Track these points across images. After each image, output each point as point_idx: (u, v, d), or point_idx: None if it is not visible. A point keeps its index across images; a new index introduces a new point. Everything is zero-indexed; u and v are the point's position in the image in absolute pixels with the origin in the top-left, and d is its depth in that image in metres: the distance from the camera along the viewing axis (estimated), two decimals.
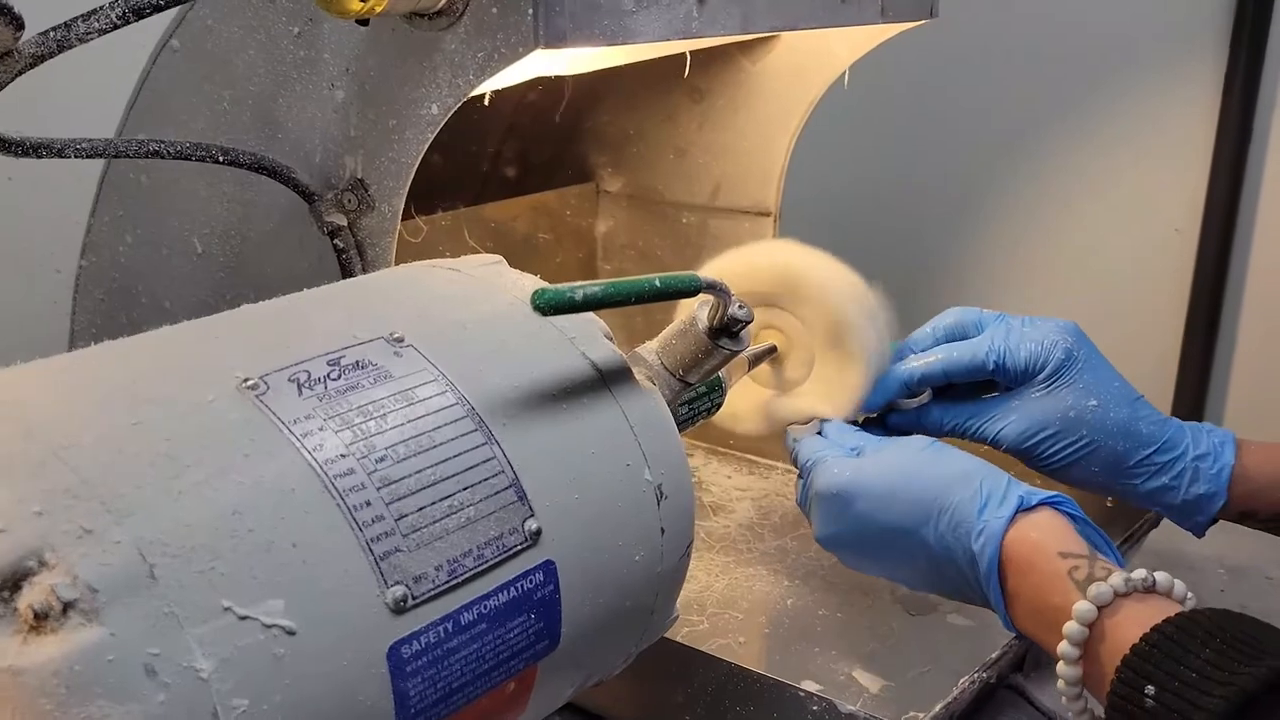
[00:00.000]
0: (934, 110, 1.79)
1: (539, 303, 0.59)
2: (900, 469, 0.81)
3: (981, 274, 1.83)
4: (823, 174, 1.61)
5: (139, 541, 0.46)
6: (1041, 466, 0.90)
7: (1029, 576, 0.73)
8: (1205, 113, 1.58)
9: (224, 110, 0.88)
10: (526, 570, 0.58)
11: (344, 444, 0.54)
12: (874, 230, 1.80)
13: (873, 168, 1.85)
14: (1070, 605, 0.68)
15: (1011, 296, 1.81)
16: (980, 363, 0.90)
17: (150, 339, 0.59)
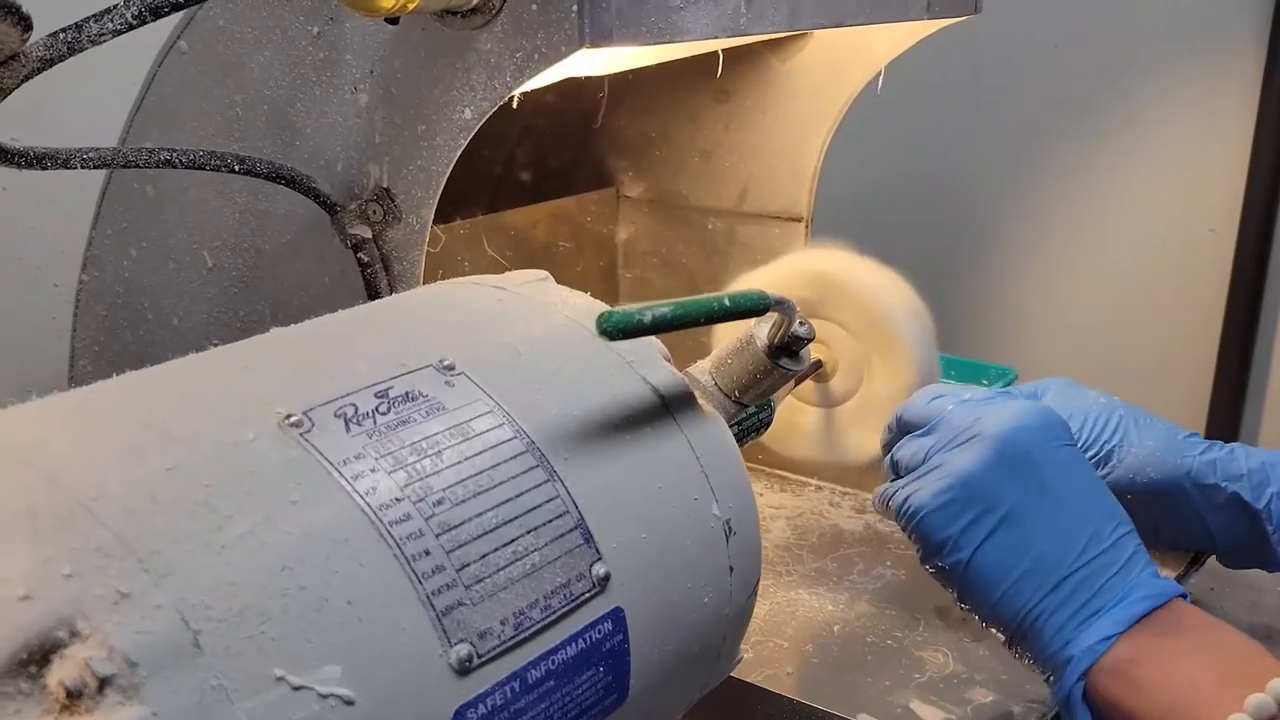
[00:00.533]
0: (967, 110, 1.75)
1: (606, 327, 0.54)
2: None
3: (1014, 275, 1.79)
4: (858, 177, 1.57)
5: (181, 605, 0.41)
6: None
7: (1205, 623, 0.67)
8: (1243, 110, 1.54)
9: (236, 116, 0.83)
10: (595, 619, 0.53)
11: (398, 486, 0.49)
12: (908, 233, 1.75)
13: (906, 169, 1.81)
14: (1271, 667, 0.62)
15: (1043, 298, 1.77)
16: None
17: (174, 369, 0.54)
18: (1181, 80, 1.60)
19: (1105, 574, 0.67)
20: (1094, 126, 1.67)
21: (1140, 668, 0.65)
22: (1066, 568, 0.68)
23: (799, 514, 1.10)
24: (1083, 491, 0.70)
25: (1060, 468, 0.70)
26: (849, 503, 1.12)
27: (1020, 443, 0.70)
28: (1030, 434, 0.70)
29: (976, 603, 0.72)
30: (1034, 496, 0.69)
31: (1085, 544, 0.68)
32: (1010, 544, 0.69)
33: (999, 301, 1.80)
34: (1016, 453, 0.70)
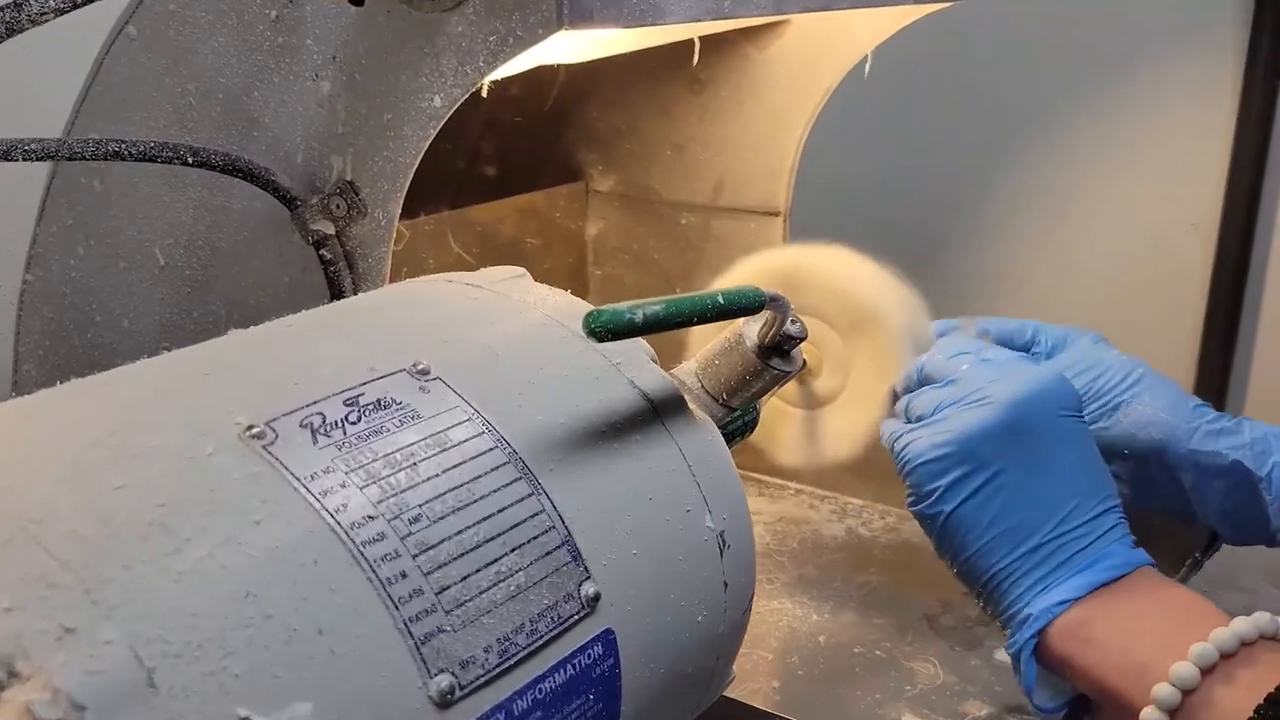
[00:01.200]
0: (948, 103, 1.72)
1: (594, 327, 0.50)
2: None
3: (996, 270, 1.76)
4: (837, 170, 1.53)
5: (134, 639, 0.37)
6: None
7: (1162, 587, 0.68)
8: (1225, 103, 1.52)
9: (189, 105, 0.78)
10: (584, 643, 0.49)
11: (371, 502, 0.45)
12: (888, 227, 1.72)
13: (887, 162, 1.77)
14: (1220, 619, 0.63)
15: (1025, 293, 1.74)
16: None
17: (125, 377, 0.49)
18: (1163, 75, 1.57)
19: (1079, 544, 0.69)
20: (1076, 121, 1.65)
21: (1092, 626, 0.66)
22: (1043, 535, 0.69)
23: (778, 519, 1.07)
24: (1076, 465, 0.71)
25: (1060, 439, 0.71)
26: (828, 506, 1.09)
27: (1027, 412, 0.71)
28: (1039, 404, 0.72)
29: (951, 555, 0.73)
30: (1027, 465, 0.71)
31: (1065, 514, 0.70)
32: (992, 505, 0.71)
33: (979, 296, 1.77)
34: (1021, 421, 0.71)
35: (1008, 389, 0.72)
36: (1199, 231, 1.55)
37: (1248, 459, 0.80)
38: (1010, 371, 0.75)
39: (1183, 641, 0.61)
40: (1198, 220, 1.55)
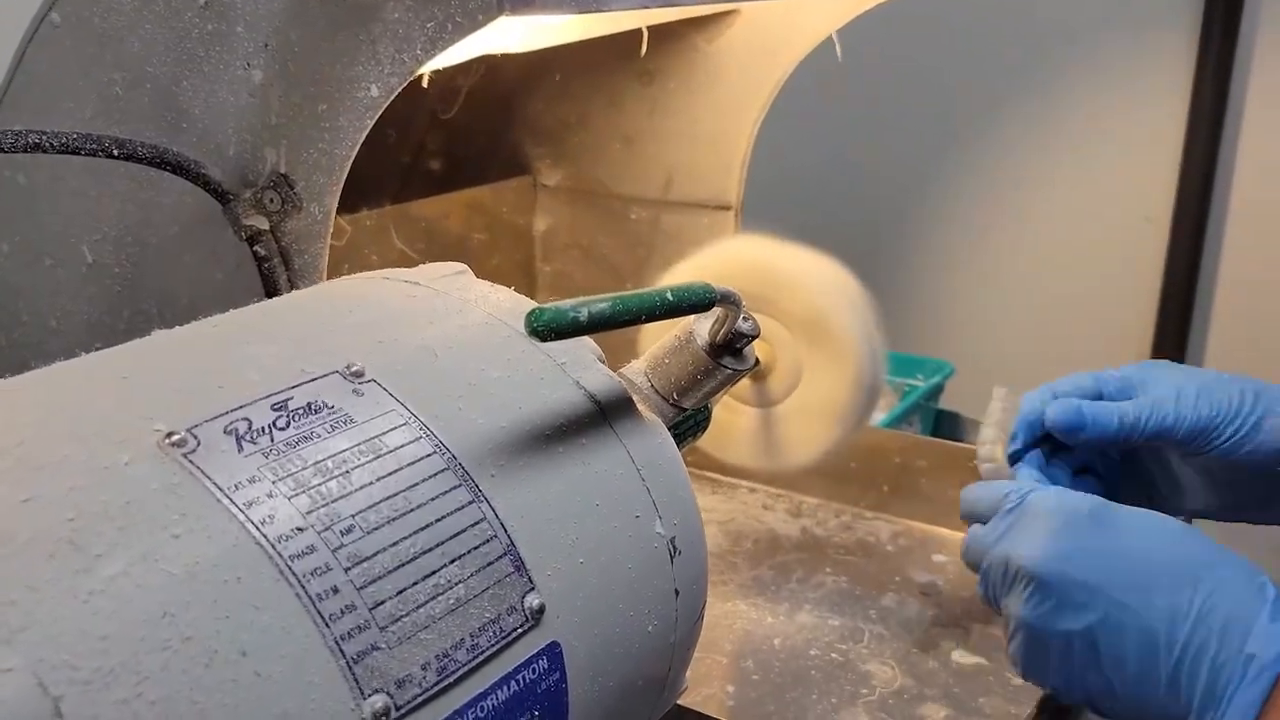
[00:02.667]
0: (902, 97, 1.72)
1: (536, 326, 0.48)
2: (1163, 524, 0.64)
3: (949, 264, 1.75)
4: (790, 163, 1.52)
5: (38, 666, 0.35)
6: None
7: None
8: (1177, 99, 1.52)
9: (116, 96, 0.75)
10: (529, 657, 0.47)
11: (300, 513, 0.42)
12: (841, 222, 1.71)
13: (840, 156, 1.76)
14: None
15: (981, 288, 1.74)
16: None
17: (37, 381, 0.47)
18: (1115, 71, 1.57)
19: (1209, 651, 0.59)
20: (1030, 115, 1.65)
21: None
22: (1169, 664, 0.60)
23: (730, 519, 1.05)
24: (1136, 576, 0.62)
25: (1103, 568, 0.62)
26: (783, 505, 1.07)
27: (1052, 573, 0.63)
28: (1058, 551, 0.63)
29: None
30: (1092, 612, 0.62)
31: (1169, 630, 0.60)
32: (1098, 666, 0.62)
33: (934, 292, 1.77)
34: (1053, 584, 0.63)
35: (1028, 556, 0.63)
36: (1154, 225, 1.55)
37: None
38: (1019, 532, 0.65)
39: None
40: (1152, 214, 1.55)
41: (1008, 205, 1.70)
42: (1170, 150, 1.52)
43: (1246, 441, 0.73)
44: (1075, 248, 1.64)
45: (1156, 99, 1.54)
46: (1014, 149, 1.68)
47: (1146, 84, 1.55)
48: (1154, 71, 1.54)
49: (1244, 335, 1.55)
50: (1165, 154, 1.53)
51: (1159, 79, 1.53)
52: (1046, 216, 1.66)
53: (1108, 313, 1.63)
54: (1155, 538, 0.63)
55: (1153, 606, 0.60)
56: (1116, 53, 1.57)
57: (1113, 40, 1.57)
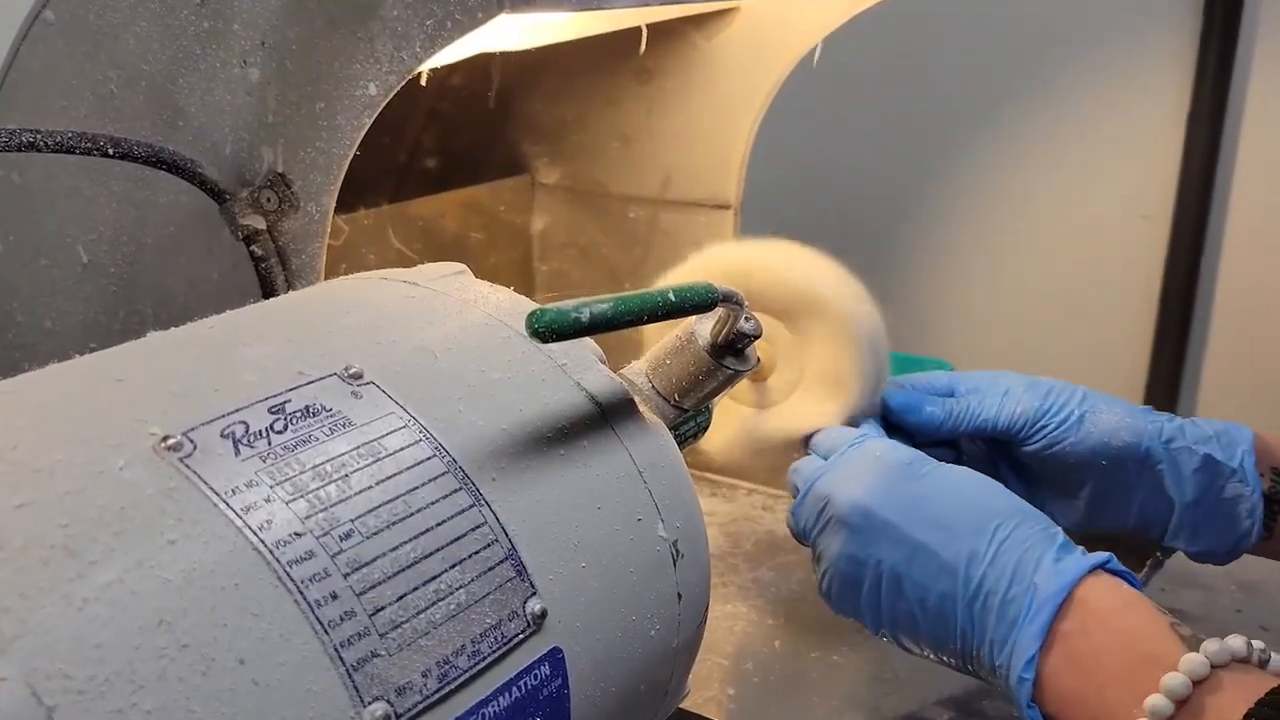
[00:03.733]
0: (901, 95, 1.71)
1: (538, 327, 0.47)
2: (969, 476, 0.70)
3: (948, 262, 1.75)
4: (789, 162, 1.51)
5: (32, 675, 0.34)
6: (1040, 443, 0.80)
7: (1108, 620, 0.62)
8: (1177, 96, 1.51)
9: (111, 94, 0.74)
10: (531, 663, 0.46)
11: (298, 518, 0.42)
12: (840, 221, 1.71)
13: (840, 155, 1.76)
14: (1172, 655, 0.58)
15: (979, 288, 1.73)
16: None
17: (30, 384, 0.46)
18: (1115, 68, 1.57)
19: (999, 591, 0.64)
20: (1029, 112, 1.64)
21: (1060, 680, 0.62)
22: (965, 600, 0.65)
23: (731, 520, 1.04)
24: (941, 519, 0.67)
25: (912, 510, 0.68)
26: (782, 507, 1.06)
27: (866, 512, 0.69)
28: (874, 497, 0.69)
29: (917, 651, 0.71)
30: (899, 550, 0.68)
31: (966, 568, 0.65)
32: (904, 601, 0.68)
33: (932, 292, 1.76)
34: (865, 523, 0.69)
35: (841, 497, 0.70)
36: (1151, 223, 1.55)
37: (1218, 451, 0.78)
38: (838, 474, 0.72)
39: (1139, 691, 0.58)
40: (1150, 212, 1.55)
41: (1006, 204, 1.70)
42: (1169, 148, 1.52)
43: (1068, 434, 0.79)
44: (1074, 246, 1.64)
45: (1156, 97, 1.53)
46: (1012, 147, 1.67)
47: (1146, 82, 1.55)
48: (1154, 69, 1.53)
49: (1245, 335, 1.55)
50: (1164, 152, 1.53)
51: (1159, 76, 1.53)
52: (1044, 215, 1.66)
53: (1107, 312, 1.62)
54: (963, 488, 0.69)
55: (953, 548, 0.66)
56: (1116, 50, 1.56)
57: (1112, 38, 1.56)
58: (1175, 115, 1.52)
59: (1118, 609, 0.62)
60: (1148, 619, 0.61)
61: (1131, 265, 1.58)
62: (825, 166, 1.76)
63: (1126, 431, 0.79)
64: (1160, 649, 0.59)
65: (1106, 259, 1.61)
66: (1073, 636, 0.62)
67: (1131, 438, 0.79)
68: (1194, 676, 0.56)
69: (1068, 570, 0.63)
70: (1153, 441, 0.79)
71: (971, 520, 0.66)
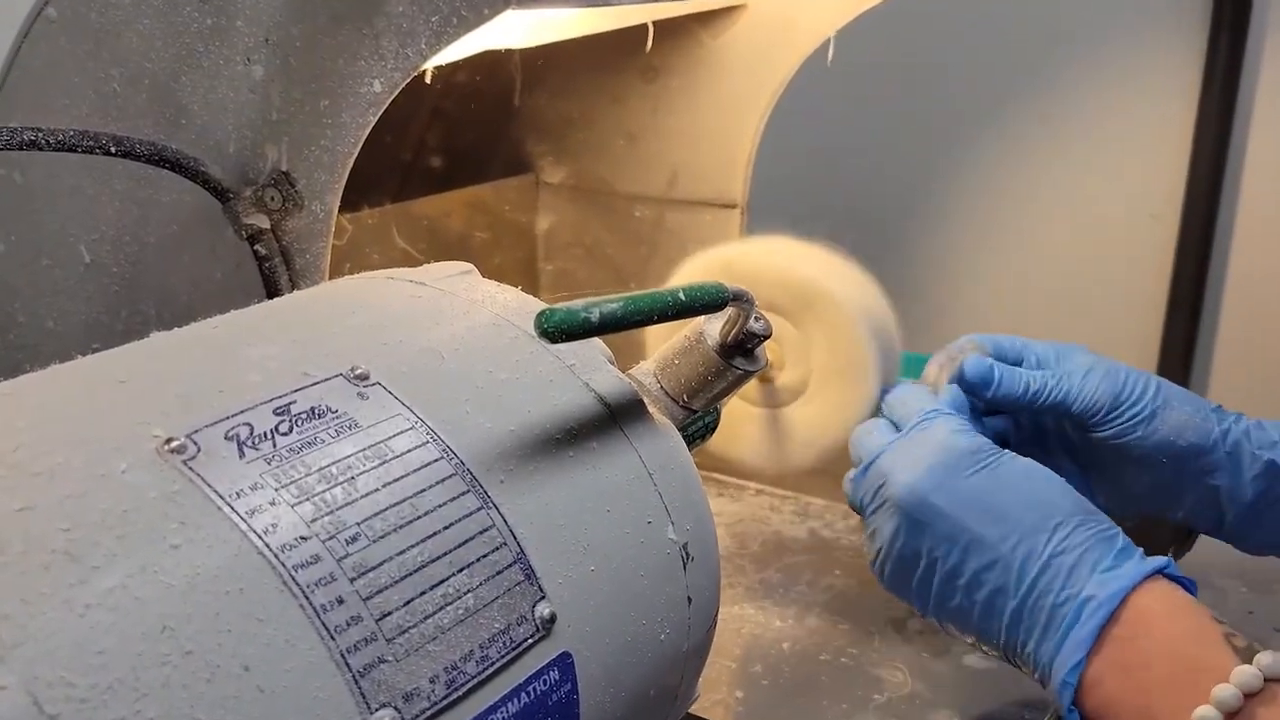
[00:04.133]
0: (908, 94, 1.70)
1: (547, 327, 0.47)
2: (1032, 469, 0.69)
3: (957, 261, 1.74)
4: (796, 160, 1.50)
5: (33, 683, 0.33)
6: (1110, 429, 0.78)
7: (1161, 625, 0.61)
8: (1185, 93, 1.50)
9: (114, 92, 0.73)
10: (540, 669, 0.45)
11: (304, 521, 0.41)
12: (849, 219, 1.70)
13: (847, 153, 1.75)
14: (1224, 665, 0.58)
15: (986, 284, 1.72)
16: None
17: (31, 385, 0.45)
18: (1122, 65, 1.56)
19: (1052, 592, 0.64)
20: (1037, 110, 1.63)
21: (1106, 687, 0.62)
22: (1017, 598, 0.65)
23: (738, 520, 1.03)
24: (1001, 514, 0.67)
25: (971, 503, 0.67)
26: (790, 507, 1.06)
27: (924, 500, 0.68)
28: (932, 484, 0.68)
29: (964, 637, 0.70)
30: (955, 541, 0.67)
31: (1020, 566, 0.65)
32: (955, 591, 0.67)
33: (939, 291, 1.75)
34: (922, 510, 0.68)
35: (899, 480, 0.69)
36: (1159, 223, 1.54)
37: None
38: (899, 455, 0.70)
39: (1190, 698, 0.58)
40: (1157, 211, 1.54)
41: (1013, 202, 1.69)
42: (1177, 146, 1.51)
43: (1138, 428, 0.77)
44: (1081, 245, 1.63)
45: (1164, 94, 1.52)
46: (1019, 145, 1.66)
47: (1154, 79, 1.53)
48: (1162, 66, 1.52)
49: (1254, 335, 1.53)
50: (1172, 150, 1.52)
51: (1167, 73, 1.51)
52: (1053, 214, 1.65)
53: (1114, 311, 1.61)
54: (1025, 482, 0.68)
55: (1010, 544, 0.65)
56: (1124, 47, 1.55)
57: (1120, 35, 1.55)
58: (1184, 113, 1.51)
59: (1169, 615, 0.61)
60: (1200, 626, 0.61)
61: (1139, 264, 1.57)
62: (830, 165, 1.76)
63: (1193, 432, 0.77)
64: (1212, 658, 0.58)
65: (1114, 257, 1.60)
66: (1122, 642, 0.61)
67: (1197, 438, 0.77)
68: (1246, 689, 0.56)
69: (1123, 576, 0.62)
70: (1217, 445, 0.77)
71: (1031, 517, 0.66)
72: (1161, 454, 0.77)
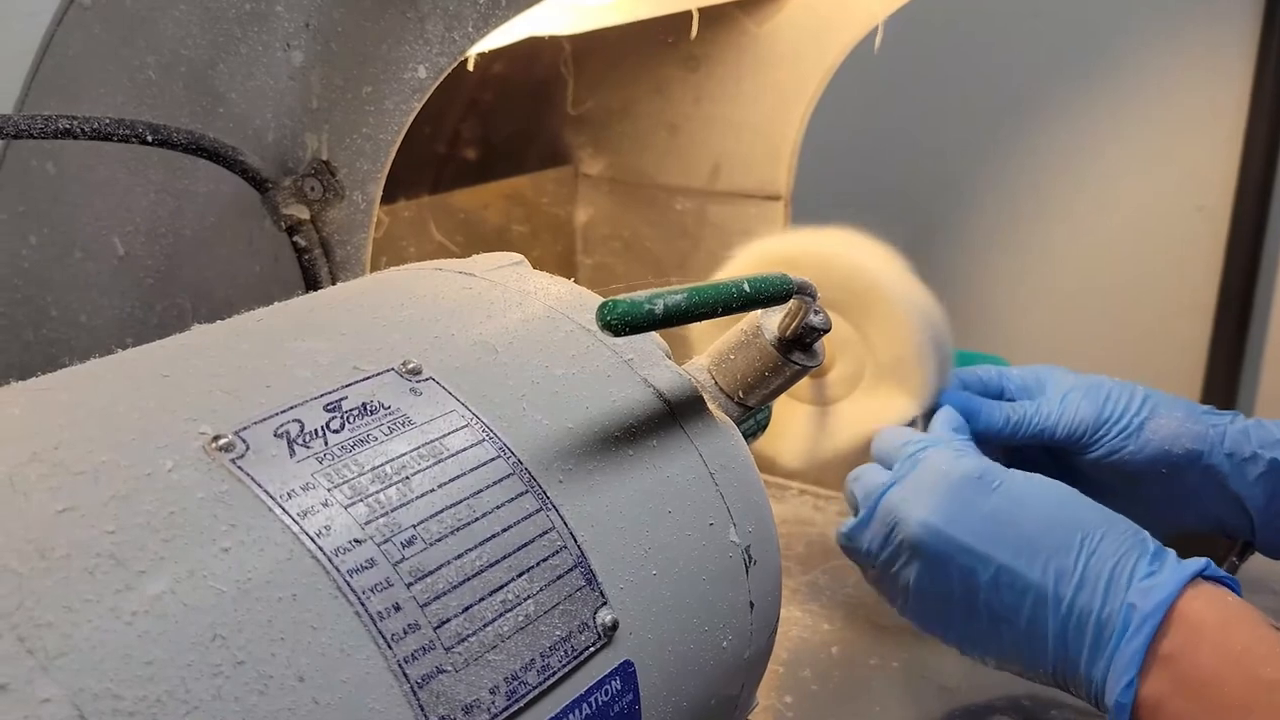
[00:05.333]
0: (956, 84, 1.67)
1: (610, 319, 0.44)
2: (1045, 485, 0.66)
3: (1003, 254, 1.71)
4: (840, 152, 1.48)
5: (78, 696, 0.32)
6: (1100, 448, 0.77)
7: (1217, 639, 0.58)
8: (1237, 83, 1.47)
9: (149, 80, 0.71)
10: (601, 678, 0.43)
11: (358, 523, 0.39)
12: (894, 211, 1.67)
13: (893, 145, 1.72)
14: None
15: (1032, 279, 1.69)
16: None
17: (72, 380, 0.43)
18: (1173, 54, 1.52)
19: (1094, 610, 0.61)
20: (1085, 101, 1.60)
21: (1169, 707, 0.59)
22: (1057, 622, 0.62)
23: (781, 522, 1.00)
24: (1024, 537, 0.64)
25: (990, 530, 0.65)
26: (834, 508, 1.03)
27: (940, 535, 0.65)
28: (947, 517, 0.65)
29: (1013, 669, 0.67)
30: (981, 573, 0.64)
31: (1055, 588, 0.62)
32: (991, 624, 0.65)
33: (985, 285, 1.73)
34: (942, 546, 0.65)
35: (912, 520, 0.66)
36: (1206, 215, 1.50)
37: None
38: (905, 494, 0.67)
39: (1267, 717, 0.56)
40: (1205, 203, 1.50)
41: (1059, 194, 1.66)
42: (1227, 138, 1.48)
43: (1127, 442, 0.76)
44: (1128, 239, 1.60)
45: (1216, 81, 1.49)
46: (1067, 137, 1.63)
47: (1206, 65, 1.50)
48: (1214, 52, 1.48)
49: None
50: (1221, 142, 1.48)
51: (1219, 60, 1.48)
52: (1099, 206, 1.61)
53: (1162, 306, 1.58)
54: (1040, 499, 0.65)
55: (1038, 567, 0.63)
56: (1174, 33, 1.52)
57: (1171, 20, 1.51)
58: (1237, 98, 1.47)
59: (1224, 624, 0.59)
60: (1260, 635, 0.58)
61: (1188, 258, 1.54)
62: (879, 157, 1.73)
63: (1188, 438, 0.76)
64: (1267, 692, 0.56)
65: (1159, 253, 1.57)
66: (1180, 658, 0.59)
67: (1193, 444, 0.76)
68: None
69: (1166, 584, 0.60)
70: (1215, 449, 0.76)
71: (1054, 535, 0.63)
72: (1160, 465, 0.76)
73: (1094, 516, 0.64)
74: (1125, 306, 1.61)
